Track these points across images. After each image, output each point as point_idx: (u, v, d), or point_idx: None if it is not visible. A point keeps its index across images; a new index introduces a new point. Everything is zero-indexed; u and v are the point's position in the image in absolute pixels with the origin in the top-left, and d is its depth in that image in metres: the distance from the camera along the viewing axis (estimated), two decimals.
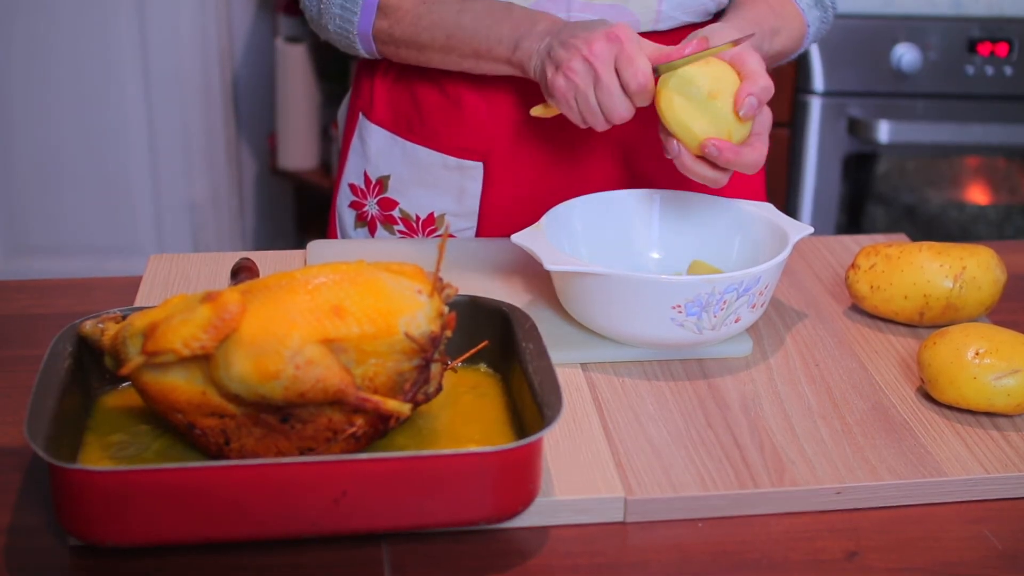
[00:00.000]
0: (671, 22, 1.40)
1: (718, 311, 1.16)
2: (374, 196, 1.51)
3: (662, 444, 1.09)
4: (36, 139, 3.20)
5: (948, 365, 1.13)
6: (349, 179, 1.54)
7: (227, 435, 0.98)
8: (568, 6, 1.35)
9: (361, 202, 1.53)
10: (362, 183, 1.52)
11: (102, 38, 3.14)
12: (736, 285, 1.15)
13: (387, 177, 1.50)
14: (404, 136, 1.48)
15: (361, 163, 1.53)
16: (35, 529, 0.98)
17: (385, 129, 1.50)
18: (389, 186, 1.50)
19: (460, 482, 0.92)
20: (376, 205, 1.51)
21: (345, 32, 1.41)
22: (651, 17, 1.38)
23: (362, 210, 1.53)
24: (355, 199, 1.54)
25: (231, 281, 1.24)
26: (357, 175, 1.53)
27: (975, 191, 2.83)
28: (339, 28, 1.41)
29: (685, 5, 1.39)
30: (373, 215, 1.52)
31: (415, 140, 1.48)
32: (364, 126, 1.52)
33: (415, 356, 0.97)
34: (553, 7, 1.35)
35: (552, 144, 1.43)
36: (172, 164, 3.27)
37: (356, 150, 1.53)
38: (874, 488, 1.04)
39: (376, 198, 1.51)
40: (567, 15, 1.36)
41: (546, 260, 1.17)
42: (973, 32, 2.54)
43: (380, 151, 1.50)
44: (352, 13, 1.38)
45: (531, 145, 1.44)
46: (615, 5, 1.36)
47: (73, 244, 3.28)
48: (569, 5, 1.35)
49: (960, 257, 1.27)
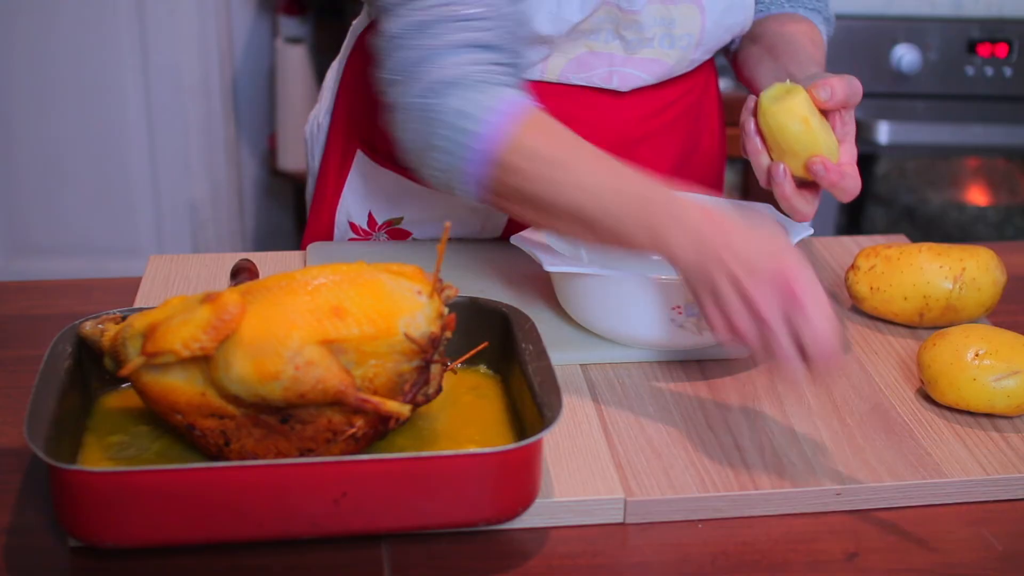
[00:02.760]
0: (698, 63, 1.40)
1: None
2: (381, 230, 1.44)
3: (662, 445, 1.09)
4: (36, 140, 3.19)
5: (948, 366, 1.13)
6: (348, 216, 1.44)
7: (227, 436, 0.98)
8: (611, 61, 1.33)
9: (364, 237, 1.45)
10: (365, 223, 1.44)
11: (102, 38, 3.14)
12: None
13: (399, 218, 1.43)
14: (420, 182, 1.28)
15: (363, 203, 1.43)
16: (35, 529, 0.98)
17: (397, 173, 1.39)
18: (402, 223, 1.43)
19: (460, 483, 0.92)
20: (385, 235, 1.45)
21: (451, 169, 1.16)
22: (685, 65, 1.38)
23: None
24: (355, 236, 1.45)
25: (231, 282, 1.24)
26: (359, 214, 1.44)
27: (975, 192, 2.83)
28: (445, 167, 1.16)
29: (711, 49, 1.39)
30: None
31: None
32: (367, 166, 1.42)
33: (415, 357, 0.97)
34: (596, 60, 1.33)
35: None
36: (172, 164, 3.27)
37: (356, 189, 1.43)
38: (874, 489, 1.04)
39: (384, 230, 1.44)
40: (609, 69, 1.33)
41: (546, 261, 1.17)
42: (973, 33, 2.54)
43: (390, 196, 1.41)
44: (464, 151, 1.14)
45: None
46: (655, 60, 1.34)
47: (73, 244, 3.28)
48: (611, 60, 1.33)
49: (960, 258, 1.27)
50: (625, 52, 1.33)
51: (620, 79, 1.34)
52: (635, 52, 1.33)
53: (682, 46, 1.34)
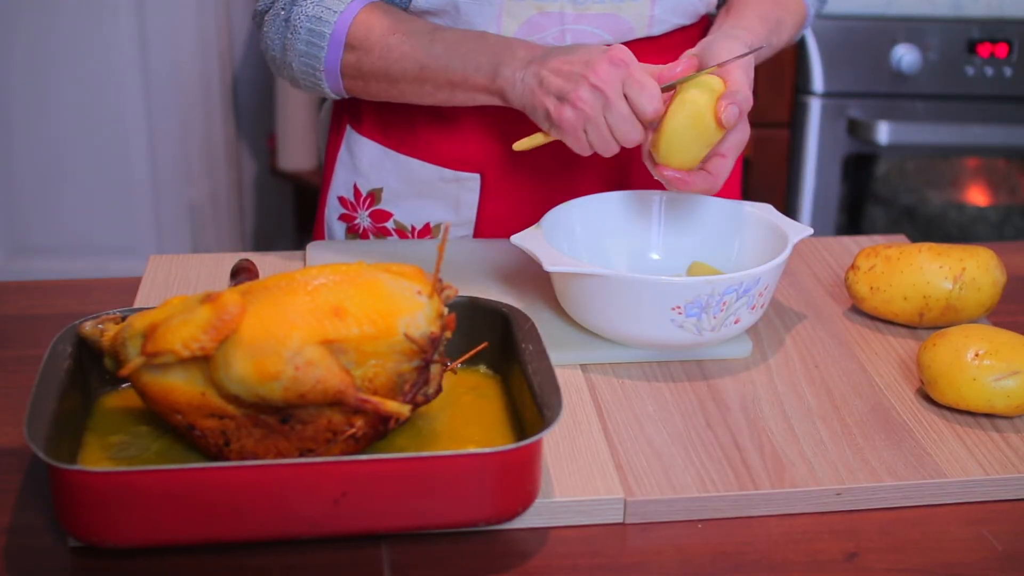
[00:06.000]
0: (664, 26, 1.40)
1: (718, 312, 1.16)
2: (365, 208, 1.49)
3: (662, 445, 1.09)
4: (36, 140, 3.20)
5: (948, 366, 1.13)
6: (337, 191, 1.52)
7: (227, 436, 0.98)
8: (562, 19, 1.34)
9: (351, 215, 1.51)
10: (351, 196, 1.50)
11: (102, 38, 3.14)
12: (736, 286, 1.15)
13: (379, 190, 1.48)
14: (396, 149, 1.47)
15: (350, 175, 1.50)
16: (35, 529, 0.98)
17: (376, 142, 1.48)
18: (382, 198, 1.48)
19: (460, 483, 0.92)
20: (368, 217, 1.50)
21: (311, 70, 1.34)
22: (644, 23, 1.38)
23: (353, 222, 1.51)
24: (345, 211, 1.51)
25: (231, 282, 1.24)
26: (346, 188, 1.51)
27: (975, 192, 2.83)
28: (304, 66, 1.34)
29: (677, 8, 1.39)
30: (365, 227, 1.50)
31: (408, 153, 1.46)
32: (352, 138, 1.50)
33: (415, 357, 0.97)
34: (547, 21, 1.34)
35: (549, 153, 1.43)
36: (172, 164, 3.27)
37: (344, 162, 1.51)
38: (874, 489, 1.04)
39: (368, 210, 1.49)
40: (561, 27, 1.35)
41: (546, 261, 1.17)
42: (973, 33, 2.54)
43: (371, 164, 1.48)
44: (319, 48, 1.32)
45: (528, 154, 1.43)
46: (609, 14, 1.36)
47: (73, 245, 3.28)
48: (563, 18, 1.34)
49: (960, 258, 1.27)
50: (575, 8, 1.34)
51: (574, 37, 1.35)
52: (586, 7, 1.34)
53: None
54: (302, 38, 1.33)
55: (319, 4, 1.32)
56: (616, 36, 1.37)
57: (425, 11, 1.36)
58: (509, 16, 1.34)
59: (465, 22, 1.35)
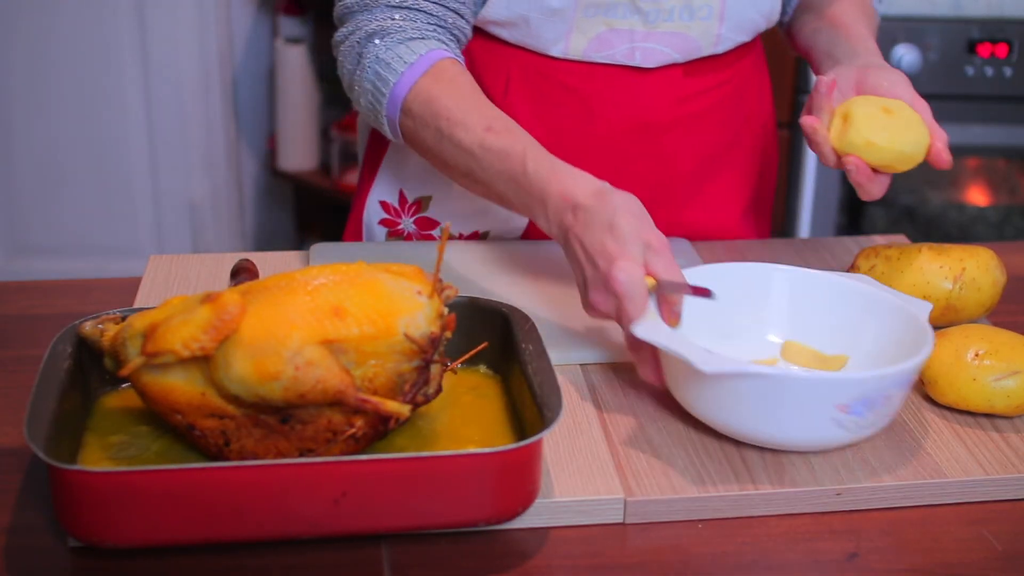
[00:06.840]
0: (728, 43, 1.42)
1: (880, 406, 1.04)
2: (410, 215, 1.47)
3: (662, 445, 1.09)
4: (36, 140, 3.20)
5: (948, 366, 1.13)
6: (380, 195, 1.49)
7: (227, 436, 0.98)
8: (631, 37, 1.35)
9: (395, 220, 1.48)
10: (396, 201, 1.48)
11: (102, 38, 3.14)
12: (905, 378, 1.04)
13: (428, 198, 1.46)
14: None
15: (396, 180, 1.47)
16: (35, 529, 0.98)
17: None
18: (429, 206, 1.46)
19: (460, 483, 0.92)
20: (413, 224, 1.48)
21: (374, 113, 1.30)
22: (711, 41, 1.39)
23: (396, 227, 1.49)
24: (387, 216, 1.49)
25: (231, 282, 1.24)
26: (390, 192, 1.48)
27: (975, 192, 2.83)
28: (369, 106, 1.30)
29: (742, 26, 1.41)
30: (409, 232, 1.48)
31: None
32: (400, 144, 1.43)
33: (415, 357, 0.97)
34: (616, 37, 1.35)
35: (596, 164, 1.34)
36: (172, 165, 3.27)
37: (391, 166, 1.48)
38: (874, 489, 1.04)
39: (412, 217, 1.47)
40: (630, 45, 1.35)
41: (700, 362, 0.99)
42: (973, 33, 2.54)
43: (421, 171, 1.45)
44: (381, 96, 1.28)
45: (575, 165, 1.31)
46: (678, 33, 1.36)
47: (73, 245, 3.29)
48: (632, 36, 1.35)
49: (960, 258, 1.27)
50: (645, 27, 1.35)
51: (643, 55, 1.36)
52: (655, 26, 1.35)
53: (702, 17, 1.36)
54: (368, 78, 1.29)
55: (390, 49, 1.27)
56: (684, 54, 1.39)
57: (494, 22, 1.35)
58: (579, 32, 1.35)
59: (535, 36, 1.35)
